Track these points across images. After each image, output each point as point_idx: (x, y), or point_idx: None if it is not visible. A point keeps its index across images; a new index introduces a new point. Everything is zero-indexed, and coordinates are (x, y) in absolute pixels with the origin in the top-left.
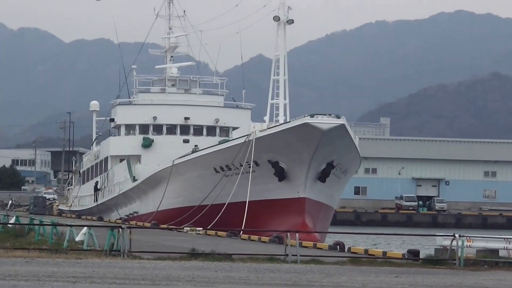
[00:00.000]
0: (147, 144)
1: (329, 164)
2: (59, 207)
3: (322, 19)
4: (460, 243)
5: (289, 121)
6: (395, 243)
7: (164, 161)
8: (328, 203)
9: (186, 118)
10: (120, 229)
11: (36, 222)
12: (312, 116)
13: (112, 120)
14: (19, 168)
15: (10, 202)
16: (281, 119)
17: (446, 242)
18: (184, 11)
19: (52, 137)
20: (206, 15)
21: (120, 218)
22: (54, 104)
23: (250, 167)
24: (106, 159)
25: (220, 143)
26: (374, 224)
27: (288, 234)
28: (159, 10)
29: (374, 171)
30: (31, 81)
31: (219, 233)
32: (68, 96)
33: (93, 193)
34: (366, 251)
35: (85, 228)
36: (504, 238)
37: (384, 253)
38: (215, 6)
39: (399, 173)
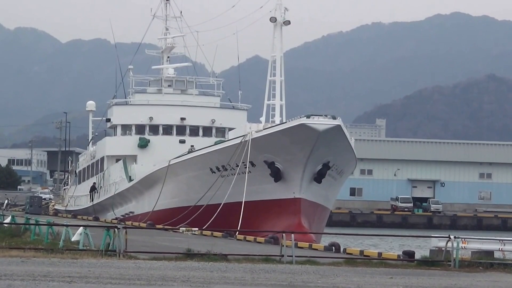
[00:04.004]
0: (143, 144)
1: (325, 165)
2: (55, 207)
3: (319, 21)
4: (455, 244)
5: (285, 122)
6: (390, 244)
7: (160, 161)
8: (324, 204)
9: (182, 119)
10: (115, 229)
11: (32, 221)
12: (308, 117)
13: (108, 120)
14: (15, 167)
15: (6, 201)
16: (277, 120)
17: (441, 243)
18: (181, 12)
19: (48, 137)
20: (203, 16)
21: (116, 218)
22: (50, 104)
23: (246, 167)
24: (102, 159)
25: (216, 143)
26: (370, 225)
27: (284, 234)
28: (155, 11)
29: (370, 172)
30: (28, 81)
31: (215, 233)
32: (64, 96)
33: (89, 193)
34: (361, 252)
35: (81, 228)
36: (499, 240)
37: (380, 254)
38: (211, 7)
39: (395, 175)
